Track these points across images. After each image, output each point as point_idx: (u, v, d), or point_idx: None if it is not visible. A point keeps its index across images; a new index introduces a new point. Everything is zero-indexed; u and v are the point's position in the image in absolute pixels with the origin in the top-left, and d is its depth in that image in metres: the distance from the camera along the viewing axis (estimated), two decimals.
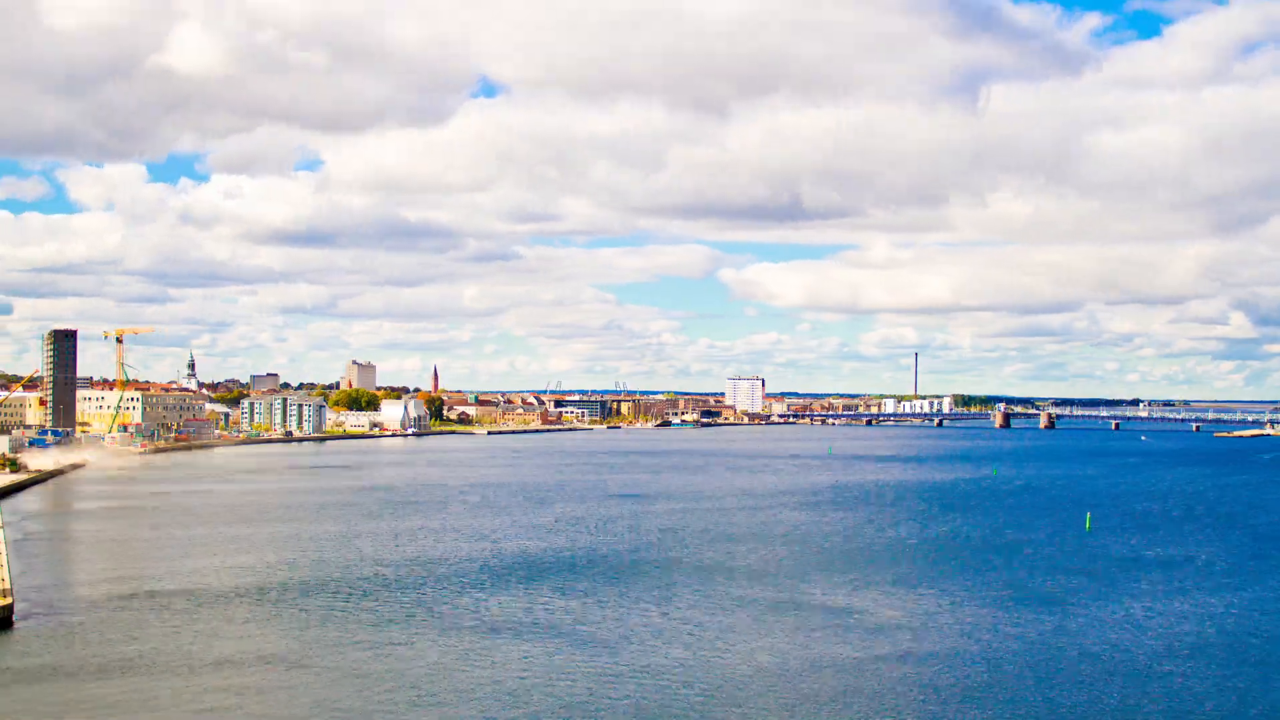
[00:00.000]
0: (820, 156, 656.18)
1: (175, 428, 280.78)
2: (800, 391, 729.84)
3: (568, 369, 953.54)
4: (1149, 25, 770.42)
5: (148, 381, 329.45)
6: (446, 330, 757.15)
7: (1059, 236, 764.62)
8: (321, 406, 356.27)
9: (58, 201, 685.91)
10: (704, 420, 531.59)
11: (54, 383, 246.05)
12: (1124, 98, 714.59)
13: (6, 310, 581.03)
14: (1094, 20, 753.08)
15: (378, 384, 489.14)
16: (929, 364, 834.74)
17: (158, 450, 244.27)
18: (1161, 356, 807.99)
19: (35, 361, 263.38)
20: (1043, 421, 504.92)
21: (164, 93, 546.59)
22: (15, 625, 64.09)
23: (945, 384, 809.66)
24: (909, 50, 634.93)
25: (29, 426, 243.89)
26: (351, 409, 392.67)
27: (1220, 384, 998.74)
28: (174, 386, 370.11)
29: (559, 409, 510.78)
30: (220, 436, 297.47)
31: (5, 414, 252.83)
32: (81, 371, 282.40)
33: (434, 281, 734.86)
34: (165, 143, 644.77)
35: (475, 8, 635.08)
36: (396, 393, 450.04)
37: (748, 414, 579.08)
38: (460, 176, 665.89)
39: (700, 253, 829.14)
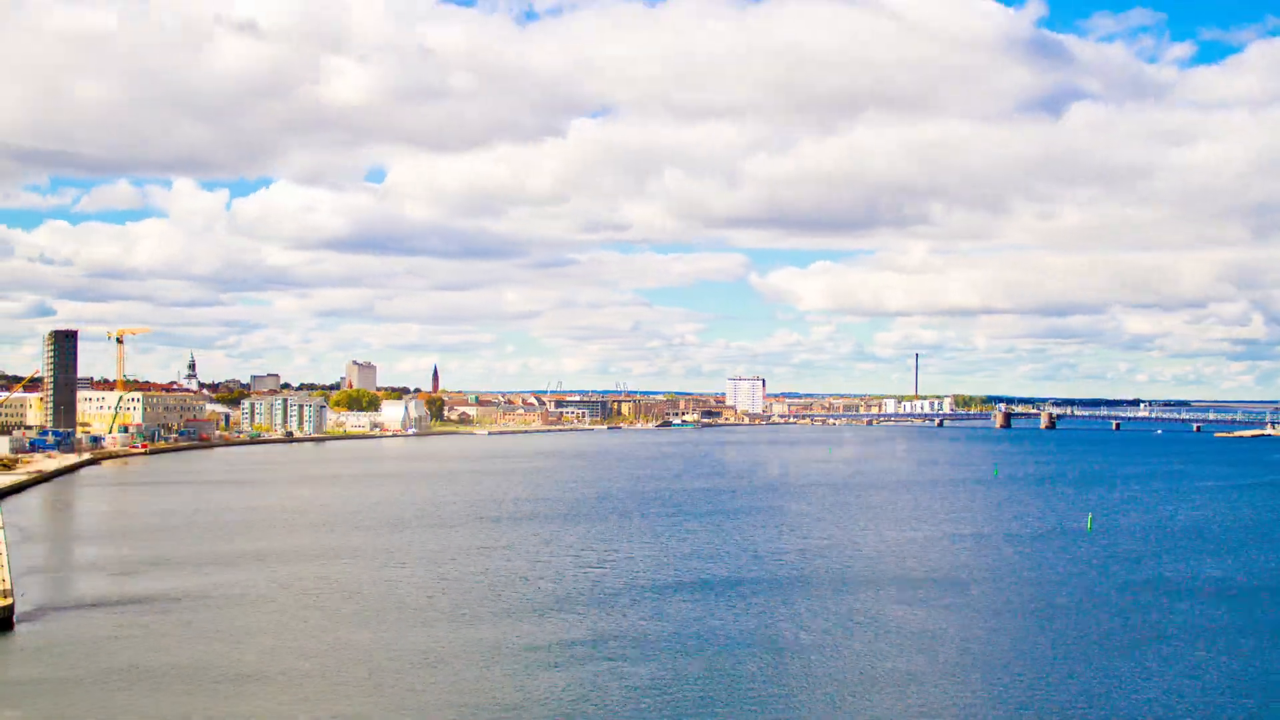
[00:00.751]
0: (891, 168, 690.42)
1: (176, 428, 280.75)
2: (801, 392, 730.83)
3: (580, 369, 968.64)
4: (1221, 51, 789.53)
5: (148, 382, 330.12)
6: (473, 332, 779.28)
7: (1098, 243, 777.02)
8: (322, 407, 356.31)
9: (146, 211, 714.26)
10: (705, 421, 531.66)
11: (54, 383, 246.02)
12: (1193, 117, 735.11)
13: (46, 311, 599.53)
14: (1178, 50, 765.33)
15: (378, 384, 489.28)
16: (945, 364, 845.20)
17: (153, 451, 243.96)
18: (1173, 357, 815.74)
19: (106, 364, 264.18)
20: (1043, 422, 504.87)
21: (303, 119, 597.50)
22: (15, 626, 63.95)
23: (959, 385, 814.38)
24: (994, 75, 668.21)
25: (29, 427, 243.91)
26: (352, 409, 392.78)
27: (1227, 384, 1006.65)
28: (174, 387, 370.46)
29: (560, 409, 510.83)
30: (221, 437, 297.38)
31: (6, 414, 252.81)
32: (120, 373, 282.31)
33: (484, 287, 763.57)
34: (289, 163, 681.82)
35: (605, 35, 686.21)
36: (397, 393, 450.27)
37: (748, 414, 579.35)
38: (544, 188, 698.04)
39: (736, 259, 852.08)
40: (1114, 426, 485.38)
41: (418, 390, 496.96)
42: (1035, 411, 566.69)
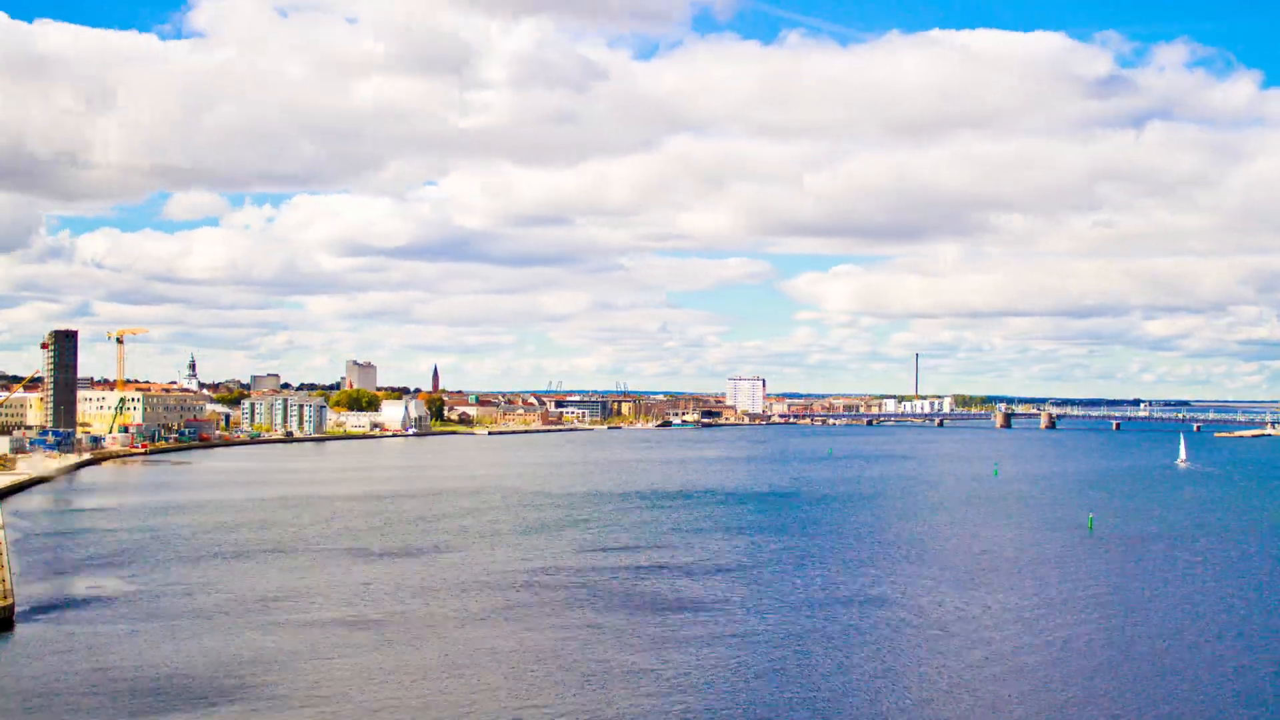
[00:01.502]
0: (951, 181, 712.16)
1: (176, 428, 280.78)
2: (802, 392, 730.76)
3: (596, 368, 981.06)
4: None
5: (148, 382, 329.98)
6: (499, 333, 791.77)
7: (1136, 250, 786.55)
8: (322, 407, 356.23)
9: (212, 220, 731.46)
10: (704, 421, 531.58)
11: (54, 383, 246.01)
12: (1257, 135, 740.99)
13: (82, 310, 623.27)
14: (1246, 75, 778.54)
15: (378, 385, 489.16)
16: (957, 365, 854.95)
17: (153, 451, 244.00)
18: (1187, 358, 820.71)
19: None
20: (1043, 422, 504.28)
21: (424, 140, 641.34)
22: (15, 626, 64.00)
23: (971, 385, 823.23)
24: (1061, 100, 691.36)
25: (29, 427, 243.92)
26: (352, 409, 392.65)
27: (1232, 384, 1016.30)
28: (174, 387, 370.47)
29: (559, 409, 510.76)
30: (221, 437, 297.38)
31: (6, 414, 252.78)
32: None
33: (528, 291, 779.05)
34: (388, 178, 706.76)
35: (714, 63, 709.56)
36: (397, 393, 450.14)
37: (748, 414, 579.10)
38: (619, 199, 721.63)
39: (771, 265, 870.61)
40: (1114, 426, 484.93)
41: (418, 390, 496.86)
42: (1035, 412, 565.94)
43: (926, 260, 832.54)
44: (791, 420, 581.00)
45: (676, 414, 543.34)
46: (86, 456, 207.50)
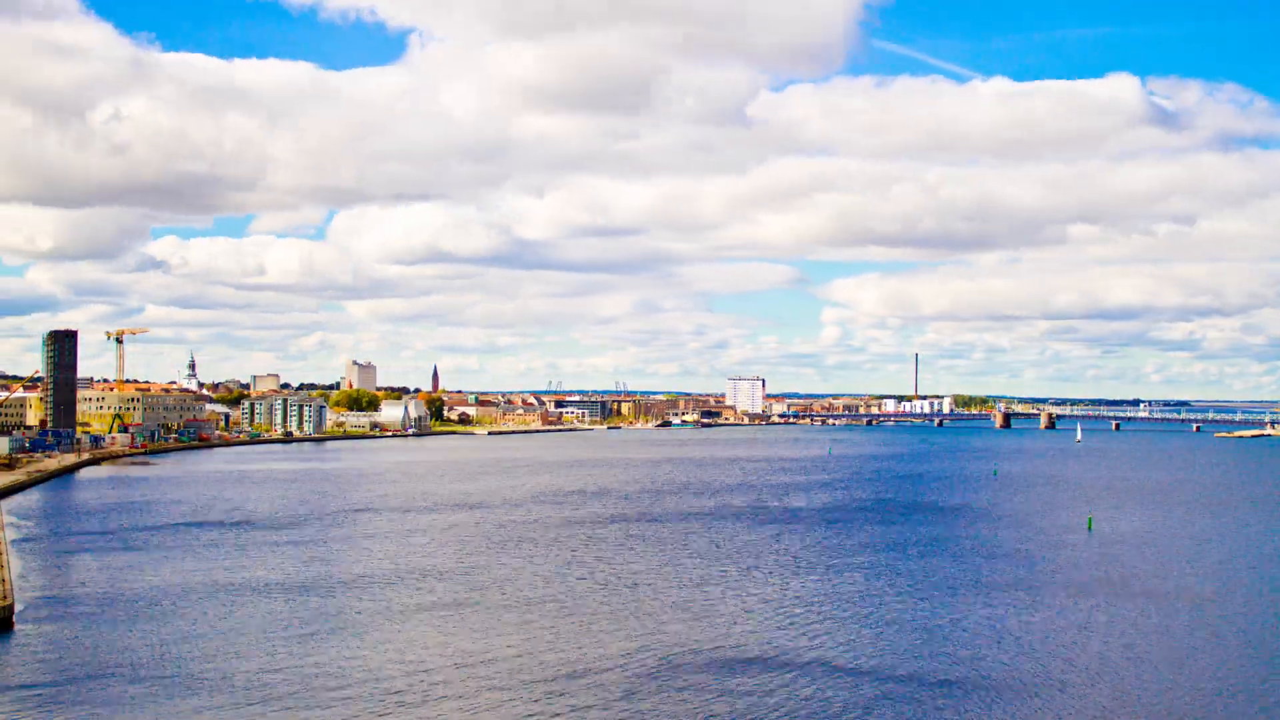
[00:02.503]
0: (1035, 196, 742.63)
1: (176, 428, 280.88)
2: (802, 392, 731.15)
3: (615, 368, 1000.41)
4: None
5: (148, 382, 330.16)
6: (537, 335, 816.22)
7: (1179, 257, 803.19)
8: (322, 407, 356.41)
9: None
10: (704, 421, 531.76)
11: (54, 383, 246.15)
12: None
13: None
14: None
15: (378, 384, 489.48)
16: (972, 365, 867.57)
17: (153, 451, 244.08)
18: (1202, 359, 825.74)
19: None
20: (1043, 422, 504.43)
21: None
22: (15, 627, 64.11)
23: (981, 386, 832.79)
24: (1130, 132, 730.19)
25: (29, 427, 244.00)
26: (352, 409, 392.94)
27: (1240, 385, 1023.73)
28: (174, 387, 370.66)
29: (559, 409, 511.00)
30: (221, 437, 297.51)
31: (6, 414, 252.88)
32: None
33: (586, 295, 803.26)
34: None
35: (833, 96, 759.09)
36: (397, 393, 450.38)
37: (748, 414, 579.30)
38: (706, 213, 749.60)
39: (809, 271, 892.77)
40: (1114, 426, 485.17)
41: (417, 390, 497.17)
42: (1035, 412, 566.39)
43: (963, 267, 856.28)
44: (791, 420, 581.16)
45: (676, 414, 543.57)
46: (86, 456, 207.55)
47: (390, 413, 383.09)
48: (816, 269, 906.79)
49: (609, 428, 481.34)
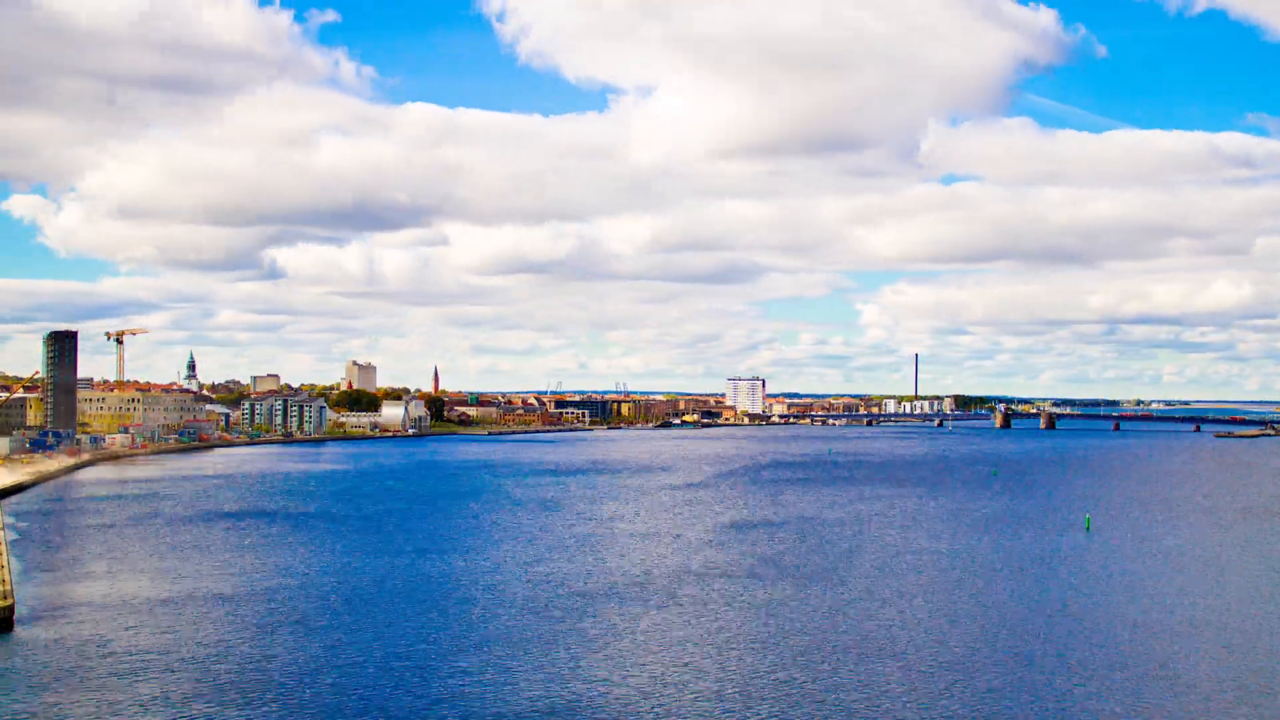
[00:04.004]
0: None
1: (176, 429, 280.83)
2: (802, 392, 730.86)
3: (641, 369, 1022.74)
4: None
5: (148, 382, 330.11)
6: (578, 336, 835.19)
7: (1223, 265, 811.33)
8: (322, 408, 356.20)
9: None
10: (704, 421, 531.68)
11: (54, 384, 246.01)
12: None
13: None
14: None
15: (378, 384, 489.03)
16: (984, 366, 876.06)
17: (153, 452, 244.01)
18: (1219, 360, 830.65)
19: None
20: (1043, 422, 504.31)
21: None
22: (15, 627, 64.11)
23: (990, 387, 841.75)
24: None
25: (30, 427, 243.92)
26: (352, 409, 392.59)
27: (1250, 385, 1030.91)
28: (174, 387, 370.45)
29: (559, 410, 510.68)
30: (221, 437, 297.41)
31: (6, 415, 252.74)
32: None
33: (662, 302, 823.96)
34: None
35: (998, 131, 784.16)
36: (397, 393, 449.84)
37: (748, 415, 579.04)
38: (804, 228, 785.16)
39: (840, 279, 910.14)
40: (1114, 426, 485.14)
41: (418, 390, 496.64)
42: (1035, 412, 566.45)
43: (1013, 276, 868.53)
44: (791, 420, 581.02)
45: (676, 415, 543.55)
46: (86, 457, 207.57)
47: (390, 413, 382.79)
48: (861, 278, 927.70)
49: (609, 428, 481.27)
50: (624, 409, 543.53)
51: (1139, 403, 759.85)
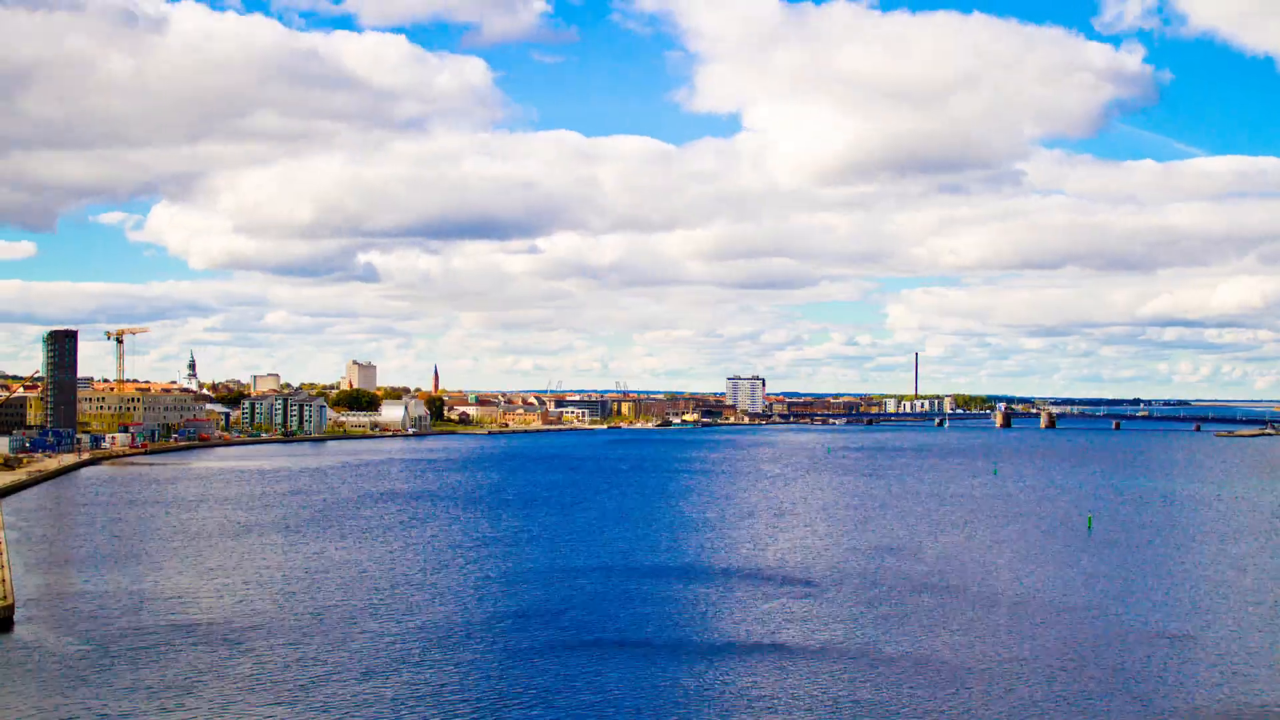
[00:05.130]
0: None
1: (176, 428, 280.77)
2: (802, 392, 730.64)
3: (656, 368, 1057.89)
4: None
5: (148, 382, 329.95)
6: (605, 337, 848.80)
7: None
8: (322, 407, 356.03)
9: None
10: (704, 421, 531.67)
11: (54, 383, 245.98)
12: None
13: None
14: None
15: (378, 384, 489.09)
16: (1003, 366, 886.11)
17: (153, 451, 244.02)
18: (1235, 361, 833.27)
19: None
20: (1043, 421, 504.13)
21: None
22: (15, 627, 64.12)
23: (1003, 386, 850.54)
24: None
25: (30, 427, 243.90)
26: (352, 409, 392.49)
27: (1260, 384, 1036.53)
28: (174, 387, 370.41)
29: (559, 409, 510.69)
30: (221, 437, 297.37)
31: (6, 414, 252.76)
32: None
33: (709, 308, 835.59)
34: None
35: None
36: (397, 393, 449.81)
37: (748, 414, 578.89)
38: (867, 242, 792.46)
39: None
40: (1114, 426, 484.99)
41: (418, 390, 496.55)
42: (1035, 411, 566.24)
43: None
44: (792, 420, 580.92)
45: (676, 414, 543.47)
46: (86, 456, 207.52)
47: (390, 413, 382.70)
48: (889, 282, 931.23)
49: (609, 427, 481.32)
50: (624, 408, 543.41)
51: (1139, 402, 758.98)
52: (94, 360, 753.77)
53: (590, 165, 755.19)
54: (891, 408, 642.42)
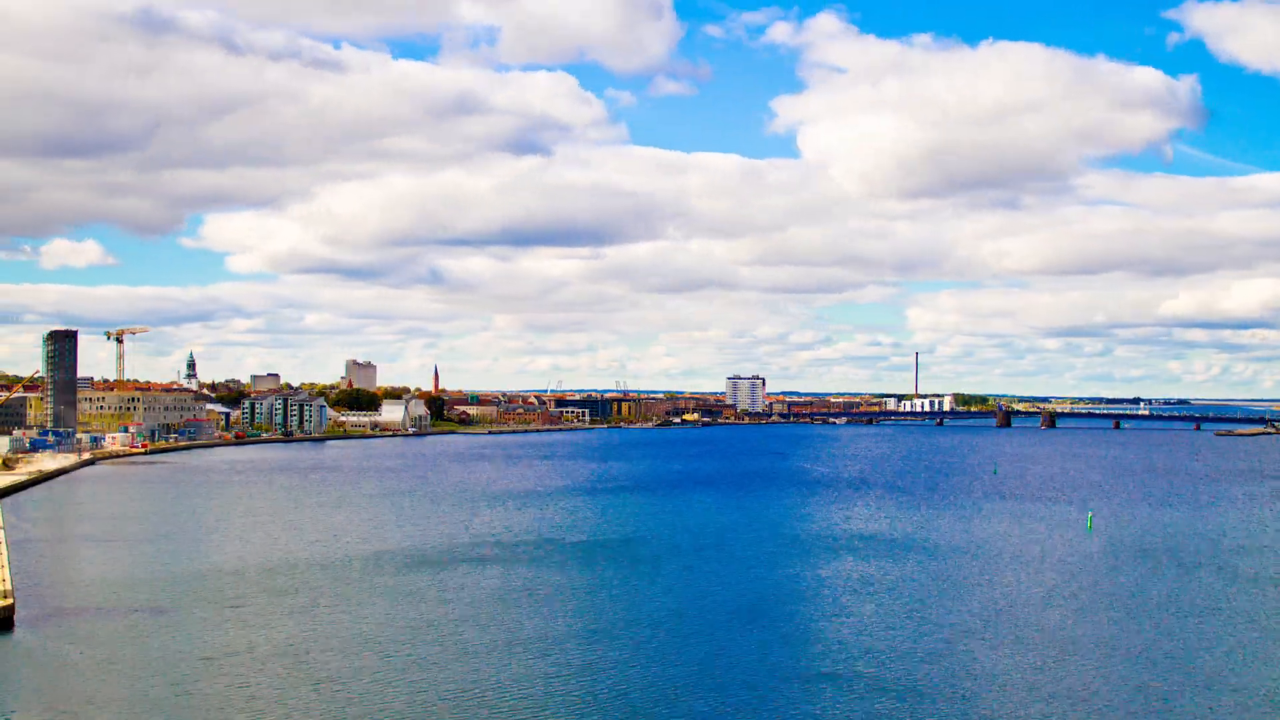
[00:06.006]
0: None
1: (176, 428, 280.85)
2: (802, 391, 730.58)
3: (679, 367, 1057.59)
4: None
5: (148, 382, 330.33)
6: (629, 336, 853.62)
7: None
8: (322, 407, 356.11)
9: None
10: (704, 420, 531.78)
11: (54, 383, 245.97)
12: None
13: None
14: None
15: (378, 384, 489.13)
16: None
17: (153, 451, 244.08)
18: (1252, 362, 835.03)
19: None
20: (1042, 421, 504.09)
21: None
22: (15, 626, 64.14)
23: (1012, 386, 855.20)
24: None
25: (30, 427, 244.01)
26: (352, 409, 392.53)
27: (1269, 383, 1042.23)
28: (174, 387, 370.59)
29: (559, 409, 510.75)
30: (221, 437, 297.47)
31: (6, 414, 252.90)
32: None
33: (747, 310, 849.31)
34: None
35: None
36: (397, 392, 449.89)
37: (748, 413, 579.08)
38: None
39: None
40: (1114, 425, 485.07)
41: (418, 389, 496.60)
42: (1035, 410, 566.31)
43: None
44: (792, 419, 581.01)
45: (676, 414, 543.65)
46: (86, 456, 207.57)
47: (390, 412, 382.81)
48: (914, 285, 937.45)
49: (609, 427, 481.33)
50: (624, 408, 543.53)
51: (1139, 401, 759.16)
52: (122, 360, 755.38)
53: (673, 177, 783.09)
54: (892, 406, 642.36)
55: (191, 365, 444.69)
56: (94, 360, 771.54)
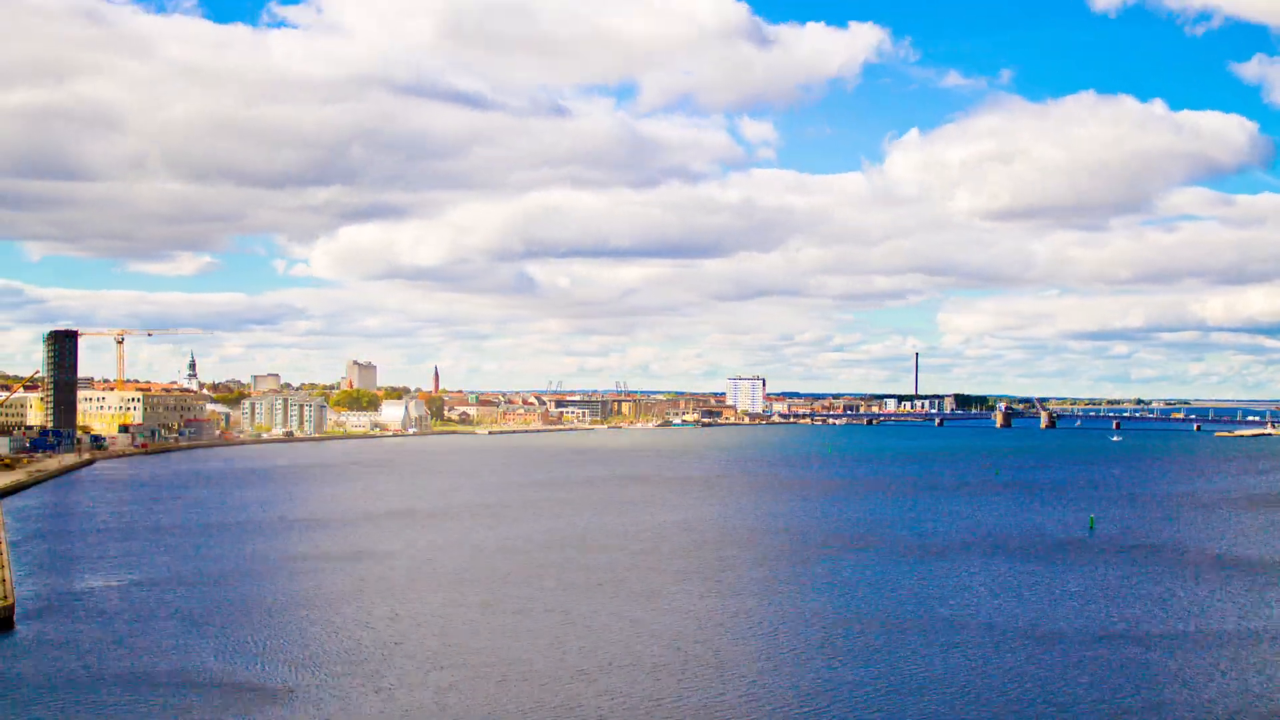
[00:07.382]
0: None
1: (176, 428, 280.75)
2: (802, 391, 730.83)
3: (701, 368, 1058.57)
4: None
5: (149, 382, 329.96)
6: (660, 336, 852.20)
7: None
8: (322, 407, 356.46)
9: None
10: (705, 421, 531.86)
11: (54, 383, 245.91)
12: None
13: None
14: None
15: (378, 384, 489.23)
16: (1002, 369, 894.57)
17: (153, 451, 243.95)
18: (1261, 364, 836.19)
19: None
20: (1043, 421, 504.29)
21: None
22: (15, 626, 63.96)
23: (1026, 386, 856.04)
24: None
25: (30, 427, 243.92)
26: (352, 409, 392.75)
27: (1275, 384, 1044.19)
28: (174, 387, 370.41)
29: (560, 409, 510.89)
30: (221, 437, 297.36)
31: (6, 414, 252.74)
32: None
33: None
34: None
35: None
36: (397, 393, 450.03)
37: (748, 414, 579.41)
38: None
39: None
40: (1115, 425, 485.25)
41: (418, 390, 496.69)
42: (1036, 411, 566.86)
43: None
44: (792, 420, 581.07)
45: (676, 414, 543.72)
46: (86, 456, 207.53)
47: (391, 413, 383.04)
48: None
49: (610, 428, 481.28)
50: (624, 408, 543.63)
51: (1139, 402, 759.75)
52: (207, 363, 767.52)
53: (794, 196, 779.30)
54: (892, 407, 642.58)
55: (192, 365, 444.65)
56: (96, 361, 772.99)
